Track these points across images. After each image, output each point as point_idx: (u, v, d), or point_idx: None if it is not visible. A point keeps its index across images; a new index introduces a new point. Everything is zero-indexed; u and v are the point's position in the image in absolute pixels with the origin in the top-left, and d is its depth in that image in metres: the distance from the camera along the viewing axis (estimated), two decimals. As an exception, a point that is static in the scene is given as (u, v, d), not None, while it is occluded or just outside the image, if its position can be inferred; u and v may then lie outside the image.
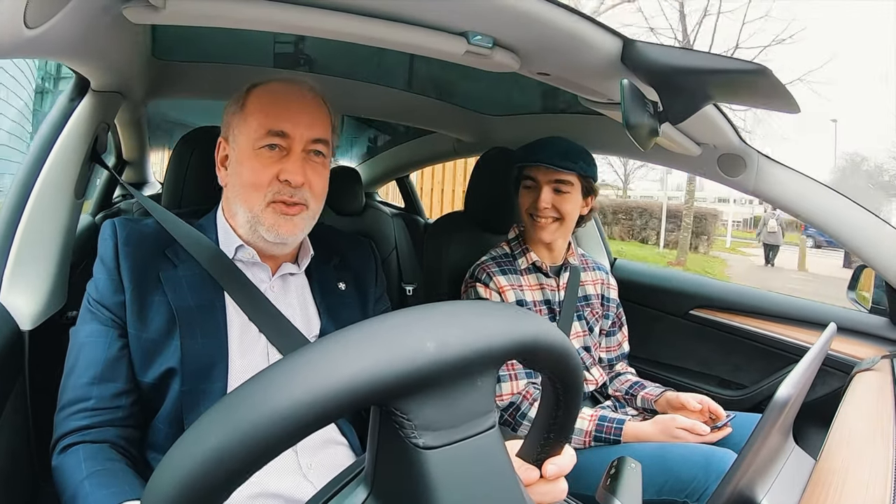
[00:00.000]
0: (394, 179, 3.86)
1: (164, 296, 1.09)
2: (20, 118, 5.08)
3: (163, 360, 1.06)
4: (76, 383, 1.03)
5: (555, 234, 1.78)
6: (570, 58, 1.15)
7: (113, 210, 2.47)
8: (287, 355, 0.45)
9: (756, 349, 2.13)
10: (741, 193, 1.89)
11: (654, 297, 2.43)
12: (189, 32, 1.60)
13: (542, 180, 1.75)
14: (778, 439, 1.08)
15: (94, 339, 1.05)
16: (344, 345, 0.45)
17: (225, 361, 1.08)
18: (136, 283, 1.08)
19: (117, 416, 1.03)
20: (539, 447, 0.68)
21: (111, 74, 1.37)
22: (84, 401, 1.01)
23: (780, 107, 1.15)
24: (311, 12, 0.99)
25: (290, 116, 1.13)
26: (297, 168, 1.12)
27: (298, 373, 0.43)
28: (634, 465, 0.74)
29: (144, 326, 1.07)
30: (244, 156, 1.14)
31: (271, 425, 0.39)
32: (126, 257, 1.10)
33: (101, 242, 1.12)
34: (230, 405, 0.41)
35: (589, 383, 1.83)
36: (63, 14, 0.81)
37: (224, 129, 1.21)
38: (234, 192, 1.16)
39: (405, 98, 2.29)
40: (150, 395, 1.07)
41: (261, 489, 1.02)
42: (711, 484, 1.36)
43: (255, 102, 1.15)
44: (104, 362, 1.04)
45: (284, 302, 1.20)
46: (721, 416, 1.61)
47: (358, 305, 1.31)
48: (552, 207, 1.75)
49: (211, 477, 0.38)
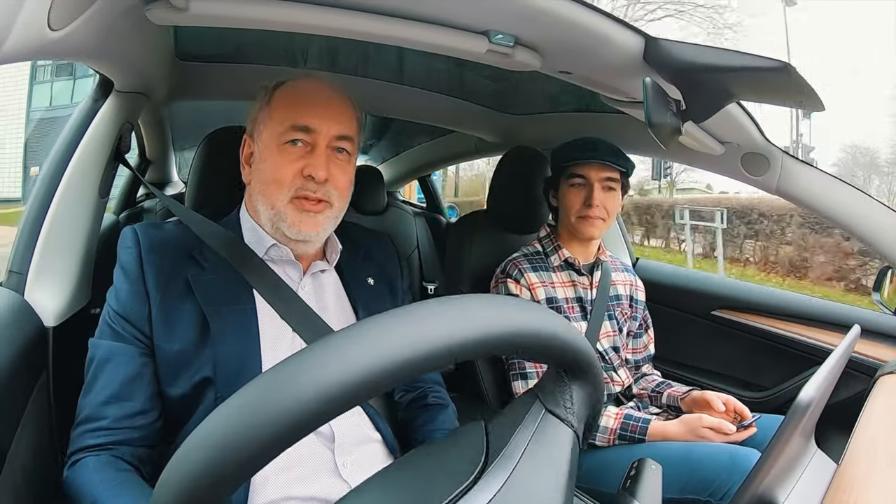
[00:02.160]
0: (416, 178, 3.88)
1: (193, 301, 1.07)
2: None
3: (195, 370, 1.04)
4: (93, 401, 1.01)
5: (602, 230, 1.80)
6: (591, 56, 1.14)
7: (136, 209, 2.50)
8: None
9: (779, 351, 2.09)
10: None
11: (677, 298, 2.41)
12: (212, 33, 1.62)
13: (594, 178, 1.77)
14: (800, 442, 1.07)
15: (114, 357, 1.04)
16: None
17: (258, 364, 1.06)
18: (162, 292, 1.06)
19: (133, 436, 1.01)
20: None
21: (134, 75, 1.38)
22: (99, 419, 1.00)
23: (804, 104, 1.13)
24: (333, 12, 1.00)
25: (316, 112, 1.13)
26: (321, 163, 1.11)
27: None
28: (655, 466, 0.73)
29: (173, 337, 1.05)
30: (268, 151, 1.13)
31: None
32: (151, 265, 1.08)
33: (122, 251, 1.11)
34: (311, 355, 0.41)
35: (615, 384, 1.82)
36: (86, 16, 0.82)
37: (249, 125, 1.21)
38: (257, 189, 1.15)
39: (427, 97, 2.29)
40: (180, 407, 1.05)
41: (294, 491, 1.01)
42: (735, 483, 1.34)
43: (281, 98, 1.15)
44: (122, 381, 1.02)
45: (318, 300, 1.19)
46: (746, 415, 1.60)
47: (388, 299, 1.31)
48: (602, 206, 1.76)
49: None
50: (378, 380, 0.40)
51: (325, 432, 1.07)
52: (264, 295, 1.12)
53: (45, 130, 10.59)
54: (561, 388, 0.58)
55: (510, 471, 0.51)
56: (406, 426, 1.27)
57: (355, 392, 0.39)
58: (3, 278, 1.24)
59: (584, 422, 0.60)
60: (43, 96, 10.80)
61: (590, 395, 0.59)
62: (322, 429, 1.05)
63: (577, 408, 0.58)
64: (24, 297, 1.20)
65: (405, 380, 0.42)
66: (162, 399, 1.06)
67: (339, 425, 1.08)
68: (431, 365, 0.42)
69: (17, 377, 1.03)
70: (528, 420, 0.56)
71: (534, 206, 2.07)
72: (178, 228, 1.17)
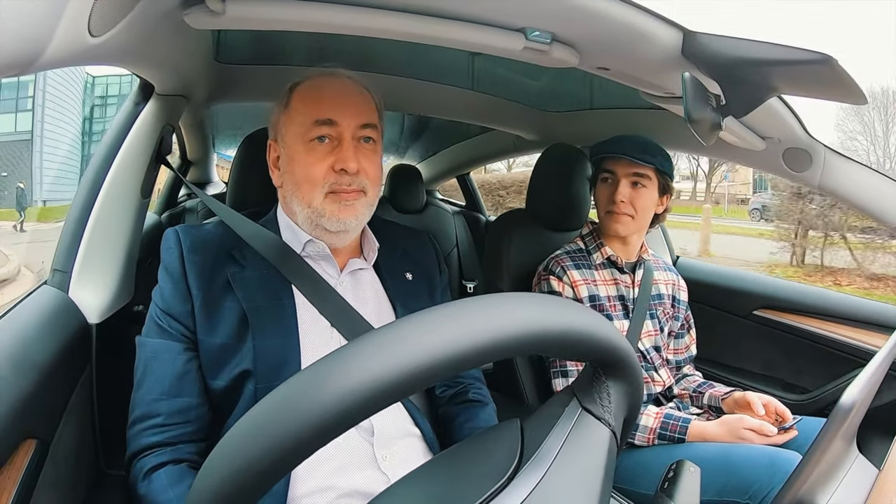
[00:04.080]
0: (454, 177, 3.88)
1: (234, 298, 1.10)
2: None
3: (236, 363, 1.07)
4: (144, 398, 1.05)
5: (629, 228, 1.78)
6: (629, 51, 1.13)
7: (178, 209, 2.55)
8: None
9: (821, 352, 2.05)
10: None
11: (718, 297, 2.37)
12: (250, 35, 1.64)
13: (621, 174, 1.76)
14: (841, 446, 1.05)
15: (162, 354, 1.07)
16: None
17: (297, 358, 1.08)
18: (204, 290, 1.10)
19: (187, 430, 1.05)
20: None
21: (174, 78, 1.41)
22: (153, 417, 1.03)
23: (847, 98, 1.10)
24: (369, 13, 1.01)
25: (336, 105, 1.14)
26: (350, 156, 1.12)
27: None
28: (693, 468, 0.72)
29: (215, 332, 1.08)
30: (295, 152, 1.15)
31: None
32: (192, 265, 1.11)
33: (164, 252, 1.14)
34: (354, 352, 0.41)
35: (656, 384, 1.80)
36: (126, 22, 0.84)
37: (272, 131, 1.22)
38: (290, 191, 1.17)
39: (465, 96, 2.29)
40: (223, 399, 1.08)
41: (334, 482, 1.03)
42: (776, 486, 1.32)
43: (299, 98, 1.17)
44: (172, 377, 1.05)
45: (357, 297, 1.20)
46: (787, 417, 1.57)
47: (427, 295, 1.32)
48: (628, 202, 1.75)
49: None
50: (418, 376, 0.40)
51: (364, 426, 1.09)
52: (303, 291, 1.14)
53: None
54: (598, 385, 0.57)
55: (545, 470, 0.51)
56: (446, 422, 1.28)
57: (395, 389, 0.40)
58: (47, 277, 1.28)
59: (623, 420, 0.59)
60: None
61: (628, 393, 0.58)
62: (362, 423, 1.06)
63: (614, 406, 0.57)
64: (68, 294, 1.23)
65: (441, 379, 0.42)
66: (208, 392, 1.09)
67: (379, 419, 1.09)
68: (466, 364, 0.42)
69: (61, 373, 1.06)
70: (564, 418, 0.56)
71: (573, 204, 2.05)
72: (218, 228, 1.20)
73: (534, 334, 0.46)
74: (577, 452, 0.54)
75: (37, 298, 1.18)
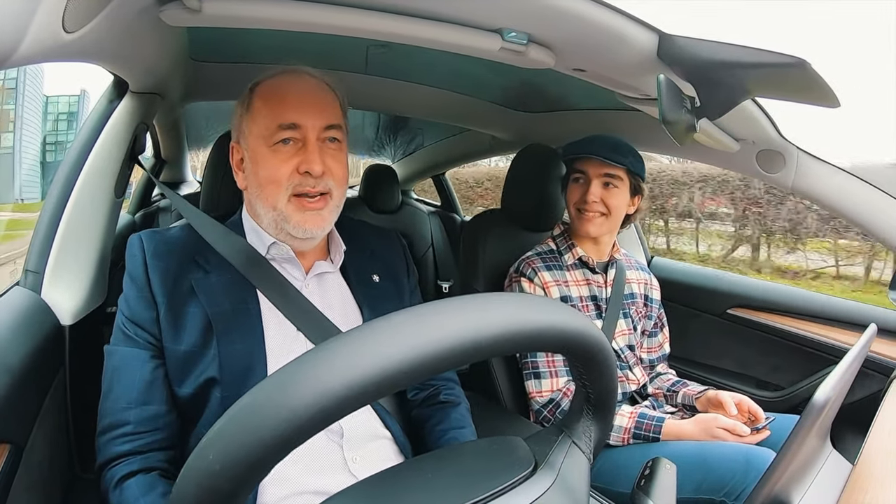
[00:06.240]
0: (430, 177, 3.88)
1: (198, 304, 1.08)
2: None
3: (202, 370, 1.05)
4: (113, 407, 1.03)
5: (601, 228, 1.79)
6: (605, 53, 1.14)
7: (152, 209, 2.52)
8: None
9: (794, 350, 2.08)
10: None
11: (692, 296, 2.40)
12: (226, 34, 1.62)
13: (592, 174, 1.77)
14: (815, 442, 1.06)
15: (129, 362, 1.05)
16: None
17: (263, 362, 1.07)
18: (168, 296, 1.08)
19: (157, 438, 1.03)
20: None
21: (149, 76, 1.39)
22: (123, 425, 1.02)
23: (820, 101, 1.12)
24: (346, 12, 1.00)
25: (299, 107, 1.12)
26: (315, 158, 1.10)
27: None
28: (669, 466, 0.73)
29: (180, 339, 1.06)
30: (259, 155, 1.13)
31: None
32: (155, 270, 1.09)
33: (128, 259, 1.12)
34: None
35: (630, 383, 1.81)
36: (101, 17, 0.82)
37: (234, 132, 1.21)
38: (254, 193, 1.15)
39: (441, 96, 2.29)
40: (189, 406, 1.06)
41: (304, 485, 1.02)
42: (750, 483, 1.34)
43: (261, 99, 1.14)
44: (140, 385, 1.04)
45: (323, 300, 1.19)
46: (760, 417, 1.59)
47: (394, 297, 1.31)
48: (600, 201, 1.76)
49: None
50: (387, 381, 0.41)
51: (334, 428, 1.08)
52: (268, 295, 1.13)
53: None
54: (585, 426, 0.67)
55: (552, 481, 0.58)
56: (419, 424, 1.28)
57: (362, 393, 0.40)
58: (19, 278, 1.26)
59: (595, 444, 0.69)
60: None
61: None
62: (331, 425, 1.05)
63: (593, 443, 0.67)
64: (40, 296, 1.21)
65: (412, 382, 0.43)
66: (175, 400, 1.07)
67: (348, 422, 1.09)
68: (441, 366, 0.43)
69: (35, 375, 1.04)
70: (560, 443, 0.65)
71: (548, 204, 2.06)
72: (183, 232, 1.18)
73: (508, 335, 0.47)
74: (569, 473, 0.61)
75: (9, 299, 1.16)
